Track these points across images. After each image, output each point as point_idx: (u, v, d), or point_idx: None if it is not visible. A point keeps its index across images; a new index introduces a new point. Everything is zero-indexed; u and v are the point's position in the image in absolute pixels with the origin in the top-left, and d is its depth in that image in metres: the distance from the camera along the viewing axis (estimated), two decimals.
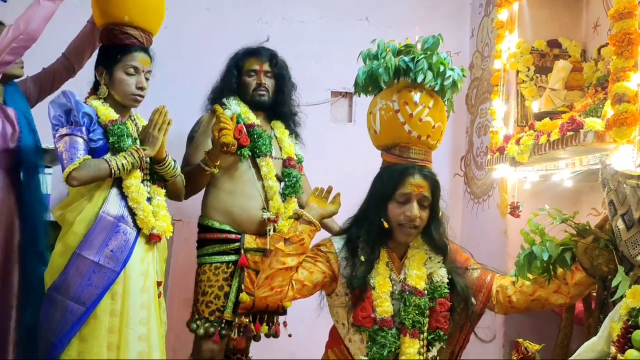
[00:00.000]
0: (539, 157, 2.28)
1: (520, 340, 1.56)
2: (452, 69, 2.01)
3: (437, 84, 1.97)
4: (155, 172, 2.28)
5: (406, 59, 1.96)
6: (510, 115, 2.71)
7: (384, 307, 1.85)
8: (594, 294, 1.83)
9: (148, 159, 2.22)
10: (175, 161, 2.34)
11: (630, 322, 1.50)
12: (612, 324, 1.57)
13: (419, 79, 1.94)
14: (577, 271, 1.75)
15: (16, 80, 2.38)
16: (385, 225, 1.89)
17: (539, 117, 2.40)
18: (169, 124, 2.23)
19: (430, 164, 2.00)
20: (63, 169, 2.06)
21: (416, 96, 1.95)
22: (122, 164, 2.09)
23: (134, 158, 2.13)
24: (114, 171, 2.08)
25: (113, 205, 2.14)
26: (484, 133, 3.12)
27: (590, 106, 2.17)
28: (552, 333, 2.20)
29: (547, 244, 1.75)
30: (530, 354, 1.46)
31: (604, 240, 1.68)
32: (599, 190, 2.20)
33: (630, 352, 1.46)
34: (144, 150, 2.16)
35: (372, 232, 1.91)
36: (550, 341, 2.13)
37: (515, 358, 1.47)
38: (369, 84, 2.05)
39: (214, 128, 2.42)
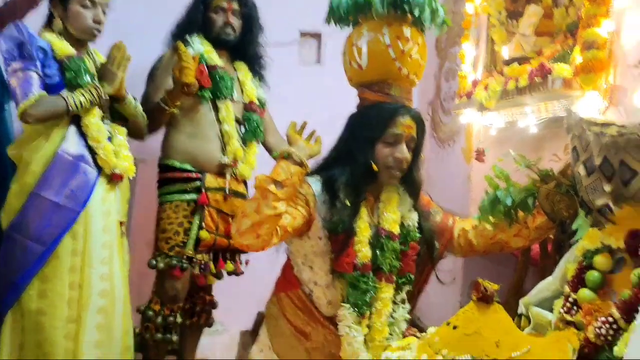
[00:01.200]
0: (506, 103, 2.29)
1: (479, 280, 1.61)
2: (441, 7, 1.91)
3: (429, 20, 1.87)
4: (115, 111, 2.21)
5: None
6: (480, 60, 2.70)
7: (364, 252, 1.76)
8: (551, 237, 1.88)
9: (107, 97, 2.14)
10: (135, 99, 2.27)
11: (584, 263, 1.55)
12: (567, 264, 1.62)
13: (416, 13, 1.82)
14: (539, 215, 1.79)
15: None
16: (375, 167, 1.79)
17: (508, 62, 2.39)
18: (128, 60, 2.14)
19: (412, 103, 1.91)
20: (17, 105, 1.97)
21: (407, 31, 1.83)
22: (80, 101, 2.01)
23: (92, 95, 2.05)
24: (72, 108, 2.00)
25: (72, 143, 2.07)
26: (452, 77, 3.10)
27: (559, 53, 2.17)
28: (507, 273, 2.27)
29: (511, 189, 1.78)
30: (489, 293, 1.51)
31: (565, 185, 1.72)
32: (561, 136, 2.23)
33: (583, 291, 1.52)
34: (102, 87, 2.08)
35: (358, 174, 1.78)
36: (507, 281, 2.21)
37: (474, 297, 1.52)
38: (352, 12, 1.89)
39: (175, 67, 2.35)
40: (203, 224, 2.47)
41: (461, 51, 2.76)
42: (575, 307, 1.53)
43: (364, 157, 1.79)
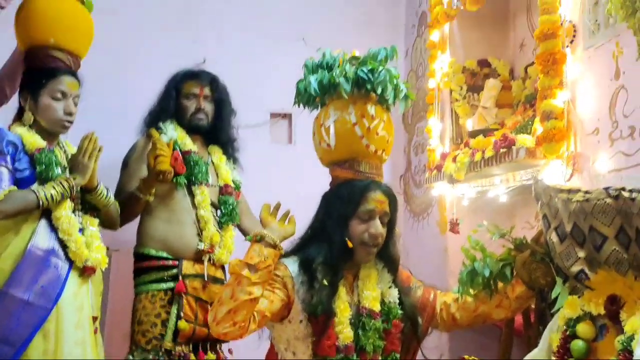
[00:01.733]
0: (475, 174, 2.34)
1: (466, 356, 1.59)
2: (404, 84, 1.99)
3: (392, 97, 1.93)
4: (87, 202, 2.19)
5: (365, 69, 1.88)
6: (446, 133, 2.78)
7: (345, 333, 1.73)
8: (533, 307, 1.88)
9: (79, 188, 2.13)
10: (107, 189, 2.25)
11: (568, 332, 1.55)
12: (551, 335, 1.61)
13: (379, 91, 1.88)
14: (517, 285, 1.80)
15: None
16: (350, 244, 1.78)
17: (473, 134, 2.47)
18: (99, 150, 2.14)
19: (382, 178, 1.94)
20: None
21: (372, 109, 1.89)
22: (51, 194, 1.99)
23: (64, 188, 2.02)
24: (42, 202, 1.97)
25: (42, 238, 2.02)
26: (421, 151, 3.18)
27: (521, 123, 2.25)
28: (493, 345, 2.24)
29: (488, 259, 1.79)
30: None
31: (540, 253, 1.74)
32: (532, 204, 2.27)
33: None
34: (74, 179, 2.06)
35: (334, 252, 1.78)
36: (492, 354, 2.17)
37: None
38: (320, 93, 1.94)
39: (150, 155, 2.35)
40: (181, 313, 2.39)
41: (428, 126, 2.84)
42: None
43: (339, 235, 1.78)
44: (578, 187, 1.58)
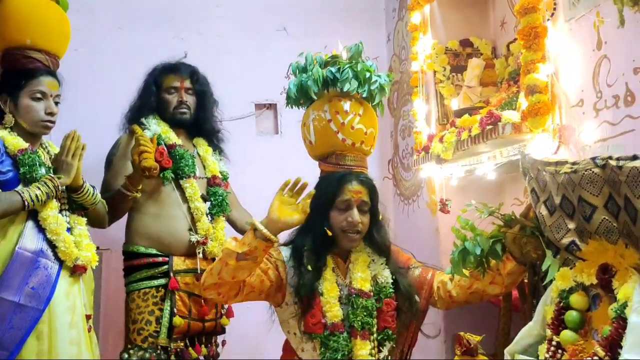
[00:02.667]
0: (463, 153, 2.34)
1: (461, 333, 1.59)
2: (378, 75, 2.07)
3: (364, 90, 2.03)
4: (73, 201, 2.16)
5: (333, 69, 2.01)
6: (432, 115, 2.78)
7: (334, 311, 1.85)
8: (526, 281, 1.89)
9: (64, 188, 2.10)
10: (93, 187, 2.23)
11: (561, 304, 1.55)
12: (545, 307, 1.62)
13: (345, 88, 2.00)
14: (509, 261, 1.81)
15: None
16: (329, 233, 1.90)
17: (459, 114, 2.47)
18: (82, 149, 2.13)
19: (366, 170, 2.05)
20: None
21: (346, 105, 2.01)
22: (36, 194, 1.97)
23: (49, 188, 2.00)
24: (28, 203, 1.95)
25: (30, 239, 2.00)
26: (408, 134, 3.17)
27: (505, 100, 2.25)
28: (491, 323, 2.25)
29: (478, 238, 1.79)
30: (472, 345, 1.49)
31: (529, 228, 1.74)
32: (520, 180, 2.28)
33: (565, 333, 1.52)
34: (58, 178, 2.04)
35: (316, 240, 1.91)
36: (490, 331, 2.19)
37: (458, 352, 1.50)
38: (300, 96, 2.09)
39: (134, 152, 2.33)
40: (175, 309, 2.38)
41: (413, 109, 2.84)
42: (559, 350, 1.52)
43: (320, 225, 1.90)
44: (565, 159, 1.58)
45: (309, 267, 1.87)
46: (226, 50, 3.27)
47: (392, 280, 1.95)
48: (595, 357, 1.36)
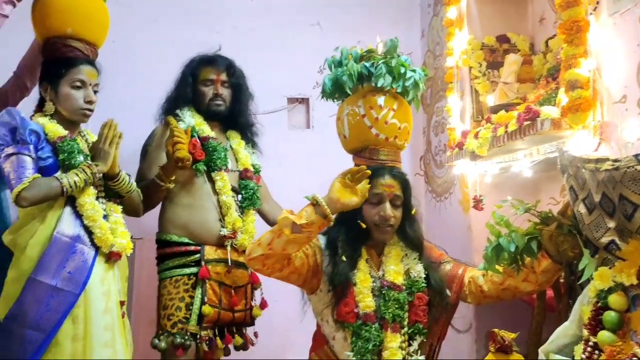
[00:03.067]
0: (498, 150, 2.31)
1: (495, 330, 1.57)
2: (413, 70, 2.07)
3: (399, 85, 2.03)
4: (110, 189, 2.20)
5: (367, 64, 2.02)
6: (466, 111, 2.75)
7: (366, 302, 1.87)
8: (562, 280, 1.85)
9: (101, 175, 2.14)
10: (129, 176, 2.27)
11: (599, 304, 1.52)
12: (582, 307, 1.58)
13: (379, 84, 2.00)
14: (544, 259, 1.78)
15: None
16: (363, 225, 1.92)
17: (495, 110, 2.44)
18: (119, 137, 2.16)
19: (400, 164, 2.06)
20: (11, 189, 1.96)
21: (380, 100, 2.02)
22: (74, 181, 2.01)
23: (86, 174, 2.04)
24: (66, 189, 1.99)
25: (67, 225, 2.04)
26: (441, 131, 3.14)
27: (543, 96, 2.21)
28: (523, 321, 2.21)
29: (513, 234, 1.76)
30: (507, 343, 1.47)
31: (567, 226, 1.70)
32: (557, 179, 2.24)
33: (602, 334, 1.48)
34: (96, 165, 2.08)
35: (350, 232, 1.93)
36: (522, 329, 2.15)
37: (492, 348, 1.47)
38: (335, 91, 2.10)
39: (168, 142, 2.36)
40: (205, 298, 2.40)
41: (447, 105, 2.81)
42: (596, 351, 1.48)
43: (354, 218, 1.92)
44: (606, 156, 1.54)
45: (343, 258, 1.89)
46: (260, 44, 3.28)
47: (424, 275, 1.95)
48: (634, 359, 1.32)
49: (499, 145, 2.24)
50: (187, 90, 2.57)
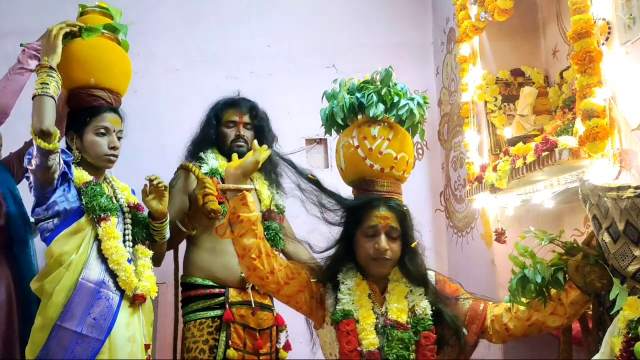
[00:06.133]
0: (517, 182, 2.30)
1: None
2: (411, 98, 2.03)
3: (393, 115, 2.00)
4: (146, 232, 2.24)
5: (358, 95, 1.99)
6: (484, 145, 2.75)
7: (370, 339, 1.78)
8: (589, 312, 1.80)
9: (147, 217, 2.21)
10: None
11: (630, 335, 1.48)
12: (613, 339, 1.54)
13: (371, 113, 1.96)
14: (571, 290, 1.74)
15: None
16: (310, 176, 1.94)
17: (513, 142, 2.44)
18: (164, 188, 2.24)
19: (398, 195, 1.99)
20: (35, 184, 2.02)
21: (374, 130, 1.97)
22: (43, 84, 1.99)
23: (44, 69, 2.01)
24: (46, 92, 1.98)
25: (93, 270, 2.06)
26: (459, 166, 3.14)
27: (561, 127, 2.21)
28: (550, 356, 2.15)
29: (538, 265, 1.74)
30: None
31: (593, 256, 1.68)
32: (580, 210, 2.21)
33: None
34: (46, 60, 2.04)
35: (344, 265, 1.90)
36: None
37: None
38: (332, 123, 2.08)
39: (199, 192, 2.39)
40: (230, 341, 2.38)
41: (464, 140, 2.82)
42: None
43: (347, 251, 1.90)
44: (627, 183, 1.53)
45: (343, 292, 1.85)
46: (277, 88, 3.36)
47: (431, 312, 1.84)
48: None
49: (518, 177, 2.22)
50: (211, 132, 2.63)
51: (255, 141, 1.92)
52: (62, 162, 2.03)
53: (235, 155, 1.92)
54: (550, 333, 2.04)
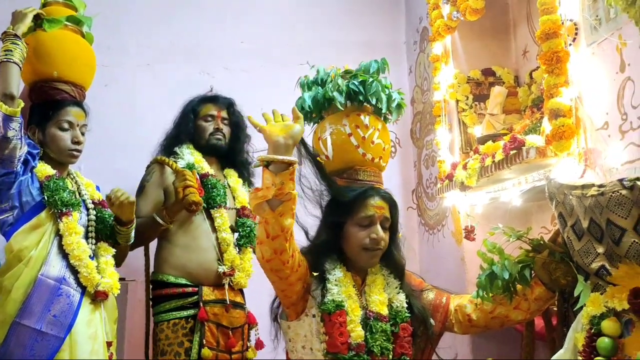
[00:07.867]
0: (487, 180, 2.32)
1: (489, 359, 1.55)
2: (397, 93, 2.08)
3: (386, 105, 2.02)
4: (111, 233, 2.20)
5: (356, 82, 1.98)
6: (455, 144, 2.77)
7: (357, 331, 1.76)
8: (554, 308, 1.83)
9: (113, 220, 2.16)
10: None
11: (593, 330, 1.50)
12: (576, 334, 1.56)
13: (373, 101, 1.96)
14: (537, 286, 1.76)
15: None
16: (319, 159, 1.82)
17: (482, 141, 2.46)
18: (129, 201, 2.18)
19: (383, 186, 1.99)
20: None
21: (366, 119, 1.98)
22: (4, 51, 1.96)
23: (11, 39, 1.99)
24: (3, 59, 1.94)
25: (53, 266, 2.01)
26: (431, 164, 3.16)
27: (529, 126, 2.24)
28: (512, 350, 2.18)
29: (506, 262, 1.75)
30: None
31: (559, 253, 1.70)
32: (547, 208, 2.24)
33: None
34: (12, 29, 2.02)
35: (332, 255, 1.84)
36: (512, 357, 2.12)
37: None
38: (315, 109, 2.04)
39: (179, 185, 2.36)
40: (204, 341, 2.35)
41: (436, 138, 2.83)
42: None
43: (336, 240, 1.84)
44: (592, 182, 1.55)
45: (331, 283, 1.79)
46: (251, 84, 3.32)
47: (406, 304, 1.86)
48: None
49: (487, 176, 2.25)
50: (189, 126, 2.60)
51: (295, 107, 1.73)
52: (24, 141, 1.98)
53: (274, 128, 1.58)
54: (514, 328, 2.07)
